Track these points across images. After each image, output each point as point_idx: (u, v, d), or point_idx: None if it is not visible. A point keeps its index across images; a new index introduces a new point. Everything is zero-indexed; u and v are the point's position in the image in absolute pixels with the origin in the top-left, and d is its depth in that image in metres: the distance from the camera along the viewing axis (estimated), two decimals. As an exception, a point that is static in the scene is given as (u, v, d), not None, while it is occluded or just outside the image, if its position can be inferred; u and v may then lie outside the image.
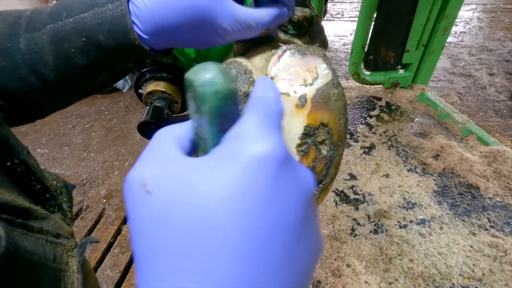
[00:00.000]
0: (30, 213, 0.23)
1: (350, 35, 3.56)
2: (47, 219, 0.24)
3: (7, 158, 0.24)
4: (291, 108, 0.28)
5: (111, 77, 0.31)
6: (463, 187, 0.75)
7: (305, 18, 0.34)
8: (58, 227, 0.25)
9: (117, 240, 1.35)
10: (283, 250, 0.14)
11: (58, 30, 0.26)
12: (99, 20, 0.26)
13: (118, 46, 0.27)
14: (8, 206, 0.21)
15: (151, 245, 0.13)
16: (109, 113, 2.46)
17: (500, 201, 0.71)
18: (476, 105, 2.18)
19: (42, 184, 0.27)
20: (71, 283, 0.23)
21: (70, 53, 0.27)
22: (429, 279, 0.57)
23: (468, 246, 0.61)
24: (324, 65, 0.28)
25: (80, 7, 0.27)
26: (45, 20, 0.27)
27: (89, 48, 0.27)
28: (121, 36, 0.26)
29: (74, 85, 0.30)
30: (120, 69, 0.30)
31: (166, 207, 0.13)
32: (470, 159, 0.79)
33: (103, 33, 0.26)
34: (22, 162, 0.25)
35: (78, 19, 0.26)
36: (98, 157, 1.95)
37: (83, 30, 0.26)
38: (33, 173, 0.26)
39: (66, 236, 0.26)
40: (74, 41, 0.26)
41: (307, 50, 0.29)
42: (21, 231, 0.20)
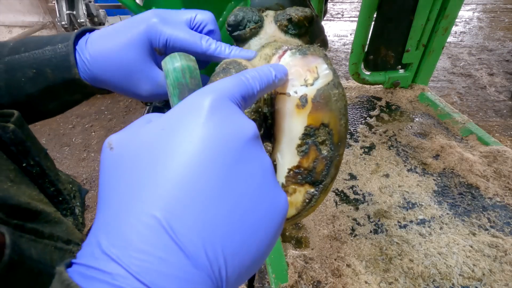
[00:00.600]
0: (43, 216, 0.23)
1: (350, 35, 3.56)
2: (60, 224, 0.25)
3: (23, 159, 0.25)
4: (292, 108, 0.28)
5: (62, 106, 0.35)
6: (463, 187, 0.75)
7: (305, 18, 0.34)
8: (69, 233, 0.25)
9: (117, 240, 1.36)
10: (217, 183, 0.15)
11: (14, 61, 0.31)
12: (49, 56, 0.31)
13: (63, 79, 0.31)
14: (20, 208, 0.21)
15: (108, 186, 0.16)
16: (109, 113, 2.46)
17: (500, 201, 0.71)
18: (476, 105, 2.18)
19: (56, 187, 0.28)
20: None
21: (21, 82, 0.31)
22: (429, 279, 0.57)
23: (468, 246, 0.61)
24: (325, 65, 0.28)
25: (36, 44, 0.32)
26: (5, 53, 0.32)
27: (38, 79, 0.31)
28: (65, 71, 0.31)
29: (27, 110, 0.33)
30: (68, 99, 0.35)
31: (119, 154, 0.17)
32: (470, 159, 0.79)
33: (51, 67, 0.31)
34: (37, 164, 0.26)
35: (32, 54, 0.31)
36: (98, 157, 1.95)
37: (35, 63, 0.31)
38: (47, 176, 0.27)
39: (77, 242, 0.26)
40: (26, 72, 0.31)
41: (308, 50, 0.29)
42: (29, 237, 0.20)
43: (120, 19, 3.57)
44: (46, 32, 3.73)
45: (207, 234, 0.14)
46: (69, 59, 0.31)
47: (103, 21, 3.13)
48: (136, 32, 0.30)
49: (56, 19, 2.91)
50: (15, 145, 0.24)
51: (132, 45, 0.30)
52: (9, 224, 0.19)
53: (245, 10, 0.35)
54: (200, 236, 0.14)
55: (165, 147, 0.16)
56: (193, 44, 0.31)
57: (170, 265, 0.13)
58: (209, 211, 0.14)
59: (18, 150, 0.25)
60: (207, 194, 0.15)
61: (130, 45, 0.30)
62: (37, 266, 0.19)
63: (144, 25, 0.31)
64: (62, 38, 0.32)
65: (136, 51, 0.30)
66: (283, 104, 0.28)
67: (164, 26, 0.31)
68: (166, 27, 0.31)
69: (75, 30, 0.33)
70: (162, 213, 0.14)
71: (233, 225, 0.15)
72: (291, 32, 0.34)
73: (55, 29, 3.69)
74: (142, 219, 0.14)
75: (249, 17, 0.34)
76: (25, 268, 0.18)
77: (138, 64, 0.31)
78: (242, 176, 0.16)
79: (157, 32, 0.30)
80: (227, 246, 0.14)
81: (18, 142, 0.25)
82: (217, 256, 0.14)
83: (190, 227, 0.14)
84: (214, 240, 0.14)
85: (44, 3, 3.74)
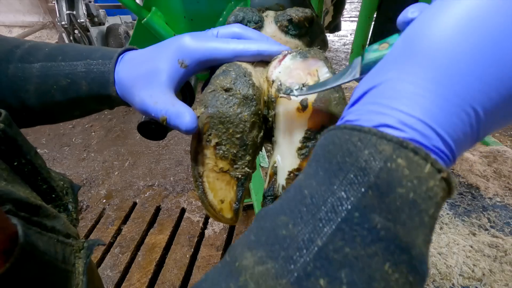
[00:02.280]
0: (43, 210, 0.23)
1: (350, 35, 3.56)
2: (57, 218, 0.25)
3: (15, 158, 0.25)
4: (292, 112, 0.28)
5: (86, 113, 0.37)
6: (463, 187, 0.75)
7: (306, 18, 0.34)
8: (66, 227, 0.26)
9: (117, 240, 1.35)
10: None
11: (49, 68, 0.32)
12: (87, 70, 0.32)
13: (98, 94, 0.32)
14: (23, 202, 0.21)
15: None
16: (109, 113, 2.46)
17: (500, 201, 0.71)
18: (476, 105, 2.18)
19: (48, 184, 0.28)
20: (76, 284, 0.23)
21: (52, 89, 0.32)
22: (429, 279, 0.57)
23: (468, 246, 0.61)
24: (325, 69, 0.28)
25: (76, 55, 0.32)
26: (40, 57, 0.32)
27: (70, 89, 0.32)
28: (102, 87, 0.32)
29: (49, 113, 0.34)
30: (94, 109, 0.36)
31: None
32: (470, 159, 0.79)
33: (88, 80, 0.32)
34: (29, 162, 0.26)
35: (70, 64, 0.32)
36: (98, 157, 1.95)
37: (70, 74, 0.32)
38: (39, 173, 0.27)
39: (74, 236, 0.26)
40: (59, 80, 0.32)
41: (308, 53, 0.29)
42: (35, 229, 0.20)
43: (120, 19, 3.57)
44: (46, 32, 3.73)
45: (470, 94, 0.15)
46: (109, 78, 0.31)
47: (103, 21, 3.13)
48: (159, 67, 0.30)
49: (56, 19, 2.92)
50: (5, 144, 0.24)
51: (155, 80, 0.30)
52: (18, 216, 0.19)
53: (245, 11, 0.35)
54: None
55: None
56: (221, 49, 0.31)
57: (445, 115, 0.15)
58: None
59: (8, 149, 0.24)
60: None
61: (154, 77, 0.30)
62: (44, 257, 0.20)
63: (173, 47, 0.31)
64: (103, 54, 0.33)
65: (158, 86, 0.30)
66: (284, 107, 0.28)
67: (193, 41, 0.31)
68: (195, 41, 0.31)
69: (119, 49, 0.34)
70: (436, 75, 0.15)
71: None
72: (291, 33, 0.35)
73: (55, 29, 3.68)
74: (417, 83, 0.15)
75: (249, 17, 0.34)
76: (35, 259, 0.19)
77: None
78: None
79: (185, 47, 0.31)
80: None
81: (8, 141, 0.24)
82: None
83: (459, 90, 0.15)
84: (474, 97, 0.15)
85: (44, 3, 3.73)
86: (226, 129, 0.28)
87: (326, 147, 0.17)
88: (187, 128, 0.27)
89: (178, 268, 1.21)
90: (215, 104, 0.28)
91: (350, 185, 0.15)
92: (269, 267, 0.15)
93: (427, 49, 0.16)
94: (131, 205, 1.55)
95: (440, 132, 0.15)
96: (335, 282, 0.14)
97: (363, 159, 0.15)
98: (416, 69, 0.16)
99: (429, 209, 0.14)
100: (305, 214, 0.15)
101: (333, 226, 0.14)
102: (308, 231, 0.15)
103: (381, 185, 0.14)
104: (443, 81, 0.15)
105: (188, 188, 1.63)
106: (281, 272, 0.14)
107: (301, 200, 0.16)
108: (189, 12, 0.76)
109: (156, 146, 1.98)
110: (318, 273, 0.14)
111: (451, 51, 0.15)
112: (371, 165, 0.14)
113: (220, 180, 0.30)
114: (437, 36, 0.15)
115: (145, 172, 1.77)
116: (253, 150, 0.30)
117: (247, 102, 0.28)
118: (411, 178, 0.14)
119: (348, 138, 0.16)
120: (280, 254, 0.15)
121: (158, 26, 0.77)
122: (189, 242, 1.31)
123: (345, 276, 0.14)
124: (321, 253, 0.14)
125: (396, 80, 0.16)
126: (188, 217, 1.44)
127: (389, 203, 0.14)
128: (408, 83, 0.16)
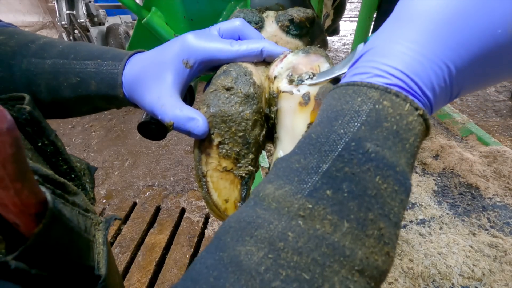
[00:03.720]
0: (65, 187, 0.25)
1: (350, 35, 3.57)
2: (78, 195, 0.26)
3: (39, 139, 0.27)
4: (295, 106, 0.28)
5: (94, 110, 0.38)
6: (463, 187, 0.75)
7: (307, 18, 0.34)
8: (86, 203, 0.27)
9: (117, 240, 1.35)
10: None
11: (61, 65, 0.33)
12: (97, 70, 0.32)
13: (105, 94, 0.33)
14: (48, 178, 0.23)
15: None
16: (109, 113, 2.46)
17: (500, 201, 0.71)
18: (476, 105, 2.19)
19: (69, 164, 0.29)
20: (97, 253, 0.25)
21: (62, 85, 0.33)
22: (429, 279, 0.57)
23: (468, 246, 0.61)
24: (327, 64, 0.28)
25: (87, 55, 0.33)
26: (53, 54, 0.33)
27: (80, 87, 0.33)
28: (110, 88, 0.33)
29: (59, 108, 0.35)
30: (102, 107, 0.37)
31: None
32: (470, 159, 0.79)
33: (97, 80, 0.32)
34: (52, 143, 0.28)
35: (81, 63, 0.33)
36: (98, 157, 1.95)
37: (81, 73, 0.32)
38: (61, 154, 0.28)
39: (93, 211, 0.28)
40: (70, 78, 0.33)
41: (310, 49, 0.29)
42: (60, 200, 0.22)
43: (120, 19, 3.57)
44: (46, 32, 3.73)
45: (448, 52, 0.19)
46: (117, 79, 0.32)
47: (103, 21, 3.14)
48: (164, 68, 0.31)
49: (56, 19, 2.92)
50: (31, 126, 0.26)
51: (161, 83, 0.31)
52: (45, 186, 0.21)
53: (245, 11, 0.35)
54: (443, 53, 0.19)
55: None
56: (224, 50, 0.31)
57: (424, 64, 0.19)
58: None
59: (33, 131, 0.26)
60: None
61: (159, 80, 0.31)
62: (69, 224, 0.21)
63: (177, 45, 0.31)
64: (113, 55, 0.33)
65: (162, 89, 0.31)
66: (286, 102, 0.29)
67: (196, 40, 0.31)
68: (198, 41, 0.31)
69: (130, 52, 0.34)
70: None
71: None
72: (292, 33, 0.35)
73: (55, 29, 3.68)
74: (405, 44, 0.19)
75: (249, 18, 0.34)
76: (63, 224, 0.20)
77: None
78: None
79: (189, 47, 0.31)
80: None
81: (34, 123, 0.26)
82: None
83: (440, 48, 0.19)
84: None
85: (44, 3, 3.74)
86: (229, 128, 0.28)
87: (328, 102, 0.21)
88: (201, 132, 0.28)
89: (178, 268, 1.21)
90: (217, 103, 0.28)
91: (347, 123, 0.19)
92: (287, 189, 0.18)
93: (411, 16, 0.20)
94: (131, 205, 1.55)
95: (417, 81, 0.19)
96: (338, 192, 0.17)
97: (357, 104, 0.19)
98: (403, 33, 0.20)
99: (409, 138, 0.18)
100: (313, 149, 0.19)
101: (335, 154, 0.18)
102: (316, 159, 0.19)
103: (371, 121, 0.18)
104: (422, 42, 0.19)
105: (188, 188, 1.63)
106: (296, 190, 0.18)
107: (309, 141, 0.20)
108: (189, 12, 0.76)
109: (156, 146, 1.98)
110: (325, 187, 0.18)
111: (430, 18, 0.19)
112: (363, 108, 0.19)
113: (224, 180, 0.30)
114: (420, 6, 0.20)
115: (145, 172, 1.77)
116: (256, 148, 0.30)
117: (249, 101, 0.28)
118: (394, 115, 0.18)
119: (345, 92, 0.20)
120: (294, 179, 0.19)
121: (158, 26, 0.77)
122: (189, 242, 1.31)
123: (346, 187, 0.17)
124: (326, 173, 0.18)
125: (387, 42, 0.20)
126: (188, 217, 1.44)
127: (378, 134, 0.18)
128: (395, 44, 0.20)
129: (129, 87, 0.32)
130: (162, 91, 0.30)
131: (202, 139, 0.29)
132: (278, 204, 0.18)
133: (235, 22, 0.32)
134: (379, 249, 0.17)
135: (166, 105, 0.29)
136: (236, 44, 0.31)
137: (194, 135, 0.28)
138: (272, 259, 0.16)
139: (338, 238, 0.17)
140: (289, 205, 0.18)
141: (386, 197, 0.18)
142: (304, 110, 0.27)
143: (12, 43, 0.33)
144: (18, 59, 0.32)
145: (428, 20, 0.19)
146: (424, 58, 0.19)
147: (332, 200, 0.17)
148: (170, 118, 0.29)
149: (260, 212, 0.19)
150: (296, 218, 0.17)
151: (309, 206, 0.17)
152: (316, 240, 0.17)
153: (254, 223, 0.18)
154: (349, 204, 0.17)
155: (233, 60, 0.31)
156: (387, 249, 0.18)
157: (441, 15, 0.19)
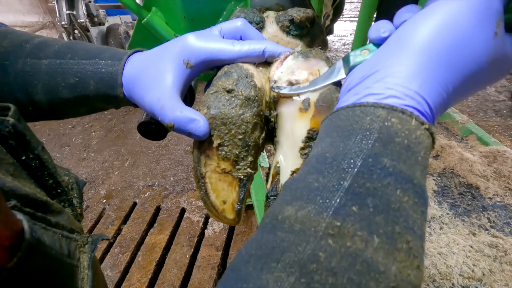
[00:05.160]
0: (47, 206, 0.23)
1: (350, 35, 3.57)
2: (62, 214, 0.25)
3: (23, 153, 0.25)
4: (295, 112, 0.28)
5: (93, 110, 0.37)
6: (463, 187, 0.75)
7: (307, 18, 0.34)
8: (71, 222, 0.26)
9: (117, 240, 1.35)
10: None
11: (58, 66, 0.32)
12: (96, 69, 0.32)
13: (104, 94, 0.32)
14: (28, 198, 0.21)
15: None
16: (109, 113, 2.46)
17: (500, 201, 0.71)
18: (476, 105, 2.19)
19: (54, 179, 0.28)
20: (82, 279, 0.24)
21: (59, 86, 0.32)
22: (429, 279, 0.57)
23: (468, 246, 0.61)
24: (327, 68, 0.28)
25: (84, 54, 0.32)
26: (49, 54, 0.32)
27: (78, 87, 0.32)
28: (109, 88, 0.32)
29: (56, 109, 0.34)
30: (100, 107, 0.36)
31: None
32: (470, 159, 0.79)
33: (96, 80, 0.32)
34: (37, 157, 0.26)
35: (78, 62, 0.32)
36: (98, 157, 1.95)
37: (79, 73, 0.32)
38: (46, 168, 0.27)
39: (78, 231, 0.26)
40: (68, 78, 0.32)
41: (310, 53, 0.29)
42: (40, 225, 0.20)
43: (120, 19, 3.57)
44: (46, 32, 3.73)
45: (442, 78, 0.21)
46: (117, 79, 0.31)
47: (103, 21, 3.14)
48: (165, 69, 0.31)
49: (56, 19, 2.92)
50: (14, 139, 0.24)
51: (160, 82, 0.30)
52: (23, 212, 0.20)
53: (246, 11, 0.35)
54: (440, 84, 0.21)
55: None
56: (226, 50, 0.30)
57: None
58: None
59: (17, 144, 0.25)
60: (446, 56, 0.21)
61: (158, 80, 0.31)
62: (50, 252, 0.20)
63: (177, 47, 0.31)
64: (112, 55, 0.32)
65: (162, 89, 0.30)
66: (286, 107, 0.28)
67: (197, 40, 0.31)
68: (200, 41, 0.31)
69: (129, 51, 0.33)
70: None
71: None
72: (293, 33, 0.35)
73: (55, 29, 3.68)
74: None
75: (250, 18, 0.34)
76: (42, 254, 0.19)
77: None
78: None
79: (191, 47, 0.31)
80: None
81: (18, 136, 0.24)
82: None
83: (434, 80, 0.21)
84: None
85: (44, 3, 3.73)
86: (229, 130, 0.28)
87: (334, 123, 0.22)
88: (202, 133, 0.28)
89: (178, 268, 1.21)
90: (217, 105, 0.28)
91: (360, 141, 0.19)
92: (310, 209, 0.18)
93: (417, 45, 0.22)
94: (131, 205, 1.55)
95: (428, 100, 0.21)
96: (364, 207, 0.17)
97: (367, 123, 0.20)
98: (409, 59, 0.21)
99: (420, 151, 0.20)
100: (331, 168, 0.20)
101: (354, 170, 0.19)
102: (336, 178, 0.19)
103: (383, 137, 0.19)
104: (429, 66, 0.21)
105: (188, 188, 1.63)
106: (320, 209, 0.18)
107: (324, 161, 0.20)
108: (189, 12, 0.76)
109: (156, 146, 1.98)
110: (350, 203, 0.18)
111: (434, 47, 0.21)
112: (373, 126, 0.20)
113: (222, 181, 0.30)
114: (424, 36, 0.22)
115: (145, 172, 1.77)
116: (255, 151, 0.30)
117: (249, 103, 0.28)
118: (403, 130, 0.19)
119: (352, 113, 0.21)
120: (316, 198, 0.19)
121: (158, 26, 0.77)
122: (189, 242, 1.31)
123: (370, 202, 0.18)
124: (349, 190, 0.18)
125: (394, 66, 0.22)
126: (188, 217, 1.44)
127: (391, 149, 0.19)
128: (404, 66, 0.21)
129: (128, 87, 0.31)
130: (162, 91, 0.30)
131: (202, 141, 0.29)
132: (302, 225, 0.18)
133: (237, 22, 0.32)
134: (410, 263, 0.17)
135: (166, 106, 0.29)
136: (238, 44, 0.31)
137: (195, 136, 0.28)
138: (305, 283, 0.16)
139: (371, 254, 0.16)
140: (315, 224, 0.17)
141: (409, 209, 0.18)
142: (304, 116, 0.27)
143: (5, 43, 0.32)
144: (13, 59, 0.31)
145: (430, 50, 0.21)
146: (434, 81, 0.21)
147: (359, 216, 0.17)
148: (170, 120, 0.28)
149: (283, 235, 0.18)
150: (325, 238, 0.17)
151: (337, 224, 0.17)
152: (349, 258, 0.16)
153: (278, 248, 0.17)
154: (376, 219, 0.17)
155: (235, 60, 0.31)
156: (417, 263, 0.17)
157: (441, 45, 0.21)
